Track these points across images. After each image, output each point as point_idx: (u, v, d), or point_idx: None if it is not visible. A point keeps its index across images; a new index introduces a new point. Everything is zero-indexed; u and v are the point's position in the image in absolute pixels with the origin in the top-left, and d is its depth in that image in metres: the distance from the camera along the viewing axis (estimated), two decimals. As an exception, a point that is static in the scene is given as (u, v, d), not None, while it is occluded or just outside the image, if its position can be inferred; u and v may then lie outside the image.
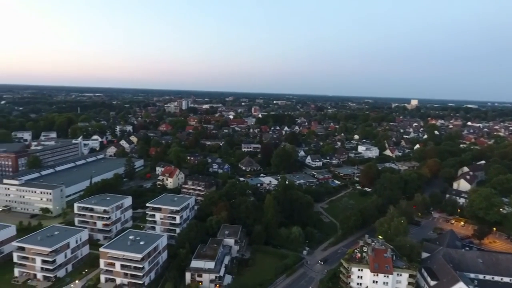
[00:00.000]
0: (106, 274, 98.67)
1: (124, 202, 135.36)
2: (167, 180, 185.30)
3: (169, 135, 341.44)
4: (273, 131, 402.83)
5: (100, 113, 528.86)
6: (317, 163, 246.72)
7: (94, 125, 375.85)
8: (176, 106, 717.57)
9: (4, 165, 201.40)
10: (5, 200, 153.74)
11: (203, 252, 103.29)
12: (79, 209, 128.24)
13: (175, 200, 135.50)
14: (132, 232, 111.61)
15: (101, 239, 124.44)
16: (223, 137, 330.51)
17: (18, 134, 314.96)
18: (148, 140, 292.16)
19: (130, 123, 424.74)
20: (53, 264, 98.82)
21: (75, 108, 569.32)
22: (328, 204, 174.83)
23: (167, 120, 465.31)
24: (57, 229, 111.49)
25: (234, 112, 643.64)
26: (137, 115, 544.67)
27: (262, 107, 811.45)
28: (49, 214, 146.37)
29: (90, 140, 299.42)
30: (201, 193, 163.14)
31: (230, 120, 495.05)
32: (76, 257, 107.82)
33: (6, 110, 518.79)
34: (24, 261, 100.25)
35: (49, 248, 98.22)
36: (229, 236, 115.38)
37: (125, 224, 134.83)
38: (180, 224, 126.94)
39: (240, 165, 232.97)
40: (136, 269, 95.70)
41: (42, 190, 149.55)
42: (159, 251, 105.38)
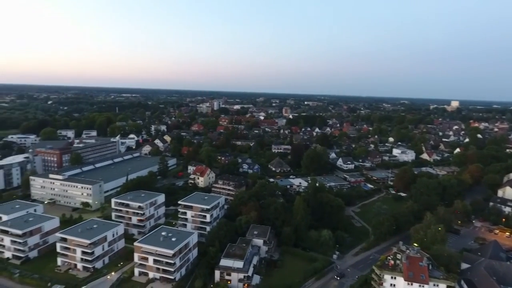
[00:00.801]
0: (140, 267, 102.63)
1: (158, 199, 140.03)
2: (198, 179, 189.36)
3: (201, 135, 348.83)
4: (303, 132, 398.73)
5: (137, 113, 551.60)
6: (349, 165, 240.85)
7: (131, 125, 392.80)
8: (208, 107, 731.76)
9: (50, 160, 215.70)
10: (50, 193, 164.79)
11: (232, 251, 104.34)
12: (116, 205, 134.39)
13: (206, 198, 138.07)
14: (164, 228, 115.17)
15: (135, 234, 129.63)
16: (253, 138, 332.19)
17: (63, 132, 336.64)
18: (181, 139, 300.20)
19: (164, 122, 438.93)
20: (92, 256, 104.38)
21: (113, 108, 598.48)
22: (360, 208, 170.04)
23: (199, 120, 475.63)
24: (95, 223, 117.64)
25: (264, 113, 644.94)
26: (171, 115, 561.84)
27: (293, 108, 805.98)
28: (89, 208, 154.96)
29: (127, 138, 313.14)
30: (231, 193, 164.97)
31: (260, 121, 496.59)
32: (113, 250, 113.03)
33: (52, 110, 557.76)
34: (66, 251, 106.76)
35: (89, 240, 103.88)
36: (258, 236, 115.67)
37: (158, 221, 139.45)
38: (210, 223, 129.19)
39: (270, 165, 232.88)
40: (168, 264, 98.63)
41: (83, 185, 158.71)
42: (190, 248, 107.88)
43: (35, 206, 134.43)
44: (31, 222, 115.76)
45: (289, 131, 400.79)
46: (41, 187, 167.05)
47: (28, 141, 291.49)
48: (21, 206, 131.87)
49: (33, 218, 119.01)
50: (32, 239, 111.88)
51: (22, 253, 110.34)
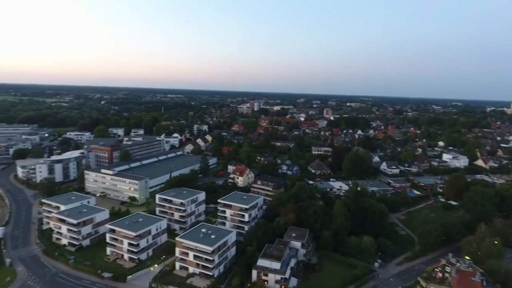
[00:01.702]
0: (181, 262, 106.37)
1: (199, 196, 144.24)
2: (237, 178, 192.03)
3: (241, 135, 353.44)
4: (345, 134, 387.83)
5: (180, 113, 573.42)
6: (393, 170, 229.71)
7: (175, 124, 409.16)
8: (248, 108, 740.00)
9: (102, 156, 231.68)
10: (102, 187, 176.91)
11: (269, 252, 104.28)
12: (160, 200, 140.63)
13: (245, 198, 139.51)
14: (204, 225, 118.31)
15: (177, 229, 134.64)
16: (293, 139, 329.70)
17: (114, 130, 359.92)
18: (222, 139, 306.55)
19: (206, 122, 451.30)
20: (137, 247, 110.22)
21: (159, 108, 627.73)
22: (405, 215, 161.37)
23: (239, 120, 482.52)
24: (141, 216, 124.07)
25: (305, 114, 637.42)
26: (212, 115, 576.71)
27: (334, 109, 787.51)
28: (135, 202, 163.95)
29: (171, 137, 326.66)
30: (269, 193, 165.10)
31: (301, 122, 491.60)
32: (156, 244, 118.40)
33: (105, 109, 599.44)
34: (114, 242, 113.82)
35: (135, 232, 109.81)
36: (296, 238, 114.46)
37: (199, 217, 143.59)
38: (248, 222, 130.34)
39: (309, 167, 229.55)
40: (207, 260, 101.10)
41: (130, 180, 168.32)
42: (228, 246, 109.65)
43: (88, 198, 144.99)
44: (84, 213, 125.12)
45: (330, 133, 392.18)
46: (93, 181, 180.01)
47: (83, 138, 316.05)
48: (77, 197, 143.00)
49: (86, 210, 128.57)
50: (85, 229, 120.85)
51: (77, 241, 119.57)
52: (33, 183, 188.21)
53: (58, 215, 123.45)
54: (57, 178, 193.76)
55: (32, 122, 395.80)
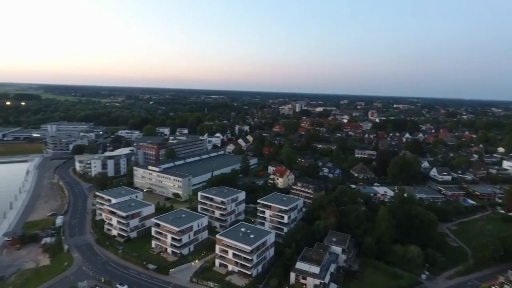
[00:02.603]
0: (220, 259, 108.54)
1: (239, 196, 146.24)
2: (277, 179, 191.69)
3: (282, 136, 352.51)
4: (391, 137, 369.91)
5: (223, 113, 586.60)
6: (444, 176, 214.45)
7: (217, 124, 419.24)
8: (290, 109, 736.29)
9: (149, 154, 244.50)
10: (148, 183, 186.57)
11: (308, 255, 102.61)
12: (202, 198, 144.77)
13: (284, 199, 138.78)
14: (244, 224, 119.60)
15: (217, 227, 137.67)
16: (335, 141, 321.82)
17: (160, 129, 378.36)
18: (263, 140, 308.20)
19: (248, 123, 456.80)
20: (180, 242, 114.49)
21: (203, 108, 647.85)
22: (457, 226, 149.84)
23: (280, 121, 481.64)
24: (184, 213, 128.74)
25: (348, 116, 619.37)
26: (254, 116, 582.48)
27: (380, 111, 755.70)
28: (179, 199, 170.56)
29: (214, 137, 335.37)
30: (309, 196, 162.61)
31: (343, 124, 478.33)
32: (197, 240, 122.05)
33: (153, 109, 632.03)
34: (159, 235, 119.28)
35: (178, 228, 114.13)
36: (336, 243, 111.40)
37: (238, 217, 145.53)
38: (287, 224, 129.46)
39: (352, 171, 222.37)
40: (246, 259, 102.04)
41: (174, 177, 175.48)
42: (267, 247, 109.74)
43: (136, 193, 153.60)
44: (133, 206, 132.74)
45: (374, 135, 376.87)
46: (141, 176, 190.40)
47: (133, 136, 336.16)
48: (126, 192, 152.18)
49: (134, 204, 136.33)
50: (133, 222, 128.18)
51: (125, 233, 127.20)
52: (89, 176, 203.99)
53: (109, 208, 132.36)
54: (109, 173, 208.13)
55: (89, 121, 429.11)
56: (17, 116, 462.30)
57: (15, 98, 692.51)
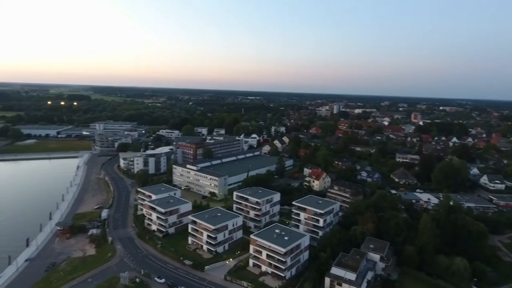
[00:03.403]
0: (254, 259, 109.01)
1: (274, 197, 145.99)
2: (313, 182, 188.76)
3: (319, 138, 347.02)
4: (436, 141, 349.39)
5: (259, 115, 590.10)
6: (497, 185, 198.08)
7: (254, 125, 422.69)
8: (327, 110, 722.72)
9: (187, 153, 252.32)
10: (186, 181, 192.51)
11: (344, 261, 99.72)
12: (237, 198, 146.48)
13: (320, 203, 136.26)
14: (278, 226, 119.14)
15: (252, 227, 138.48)
16: (375, 144, 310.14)
17: (198, 129, 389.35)
18: (299, 141, 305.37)
19: (284, 124, 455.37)
20: (215, 240, 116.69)
21: (240, 109, 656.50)
22: (510, 239, 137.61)
23: (317, 123, 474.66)
24: (219, 211, 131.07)
25: (389, 118, 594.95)
26: (290, 117, 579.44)
27: (425, 114, 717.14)
28: (215, 198, 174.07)
29: (250, 138, 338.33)
30: (346, 200, 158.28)
31: (384, 127, 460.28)
32: (232, 239, 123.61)
33: (192, 110, 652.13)
34: (195, 233, 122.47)
35: (213, 226, 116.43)
36: (374, 250, 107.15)
37: (273, 218, 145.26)
38: (323, 228, 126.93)
39: (392, 176, 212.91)
40: (280, 261, 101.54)
41: (211, 177, 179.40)
42: (301, 250, 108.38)
43: (175, 191, 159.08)
44: (171, 203, 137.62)
45: (418, 139, 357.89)
46: (180, 175, 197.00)
47: (173, 136, 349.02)
48: (165, 189, 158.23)
49: (173, 200, 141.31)
50: (171, 218, 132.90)
51: (164, 228, 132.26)
52: (132, 173, 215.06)
53: (149, 203, 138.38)
54: (150, 170, 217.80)
55: (133, 120, 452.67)
56: (69, 115, 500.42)
57: (68, 99, 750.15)
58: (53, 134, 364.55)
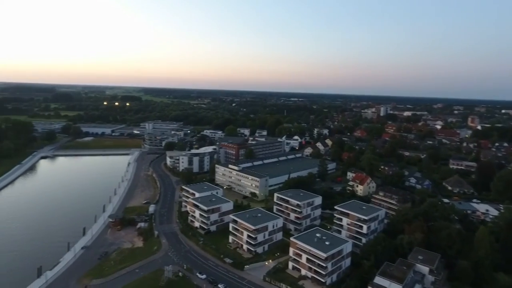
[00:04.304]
0: (294, 262, 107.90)
1: (315, 200, 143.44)
2: (357, 186, 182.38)
3: (363, 142, 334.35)
4: (497, 148, 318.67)
5: (302, 116, 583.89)
6: None
7: (296, 127, 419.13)
8: (373, 112, 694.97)
9: (230, 153, 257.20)
10: (228, 181, 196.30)
11: (389, 271, 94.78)
12: (278, 199, 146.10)
13: (364, 208, 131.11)
14: (319, 230, 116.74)
15: (292, 230, 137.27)
16: (425, 149, 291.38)
17: (241, 130, 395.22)
18: (342, 144, 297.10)
19: (327, 126, 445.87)
20: (255, 241, 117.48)
21: (282, 111, 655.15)
22: None
23: (362, 126, 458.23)
24: (260, 212, 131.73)
25: (442, 121, 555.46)
26: (333, 120, 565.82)
27: (483, 117, 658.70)
28: (256, 198, 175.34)
29: (292, 139, 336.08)
30: (392, 207, 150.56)
31: (436, 130, 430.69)
32: (271, 240, 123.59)
33: (234, 111, 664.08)
34: (236, 232, 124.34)
35: (253, 226, 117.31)
36: (423, 262, 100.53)
37: (314, 221, 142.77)
38: (366, 235, 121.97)
39: (445, 183, 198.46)
40: (320, 266, 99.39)
41: (252, 177, 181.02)
42: (343, 256, 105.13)
43: (217, 189, 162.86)
44: (213, 202, 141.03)
45: (475, 145, 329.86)
46: (222, 174, 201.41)
47: (216, 136, 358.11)
48: (208, 187, 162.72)
49: (215, 199, 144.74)
50: (213, 216, 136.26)
51: (206, 226, 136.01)
52: (177, 171, 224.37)
53: (193, 201, 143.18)
54: (194, 169, 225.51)
55: (179, 120, 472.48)
56: (122, 114, 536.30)
57: (121, 100, 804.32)
58: (108, 133, 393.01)
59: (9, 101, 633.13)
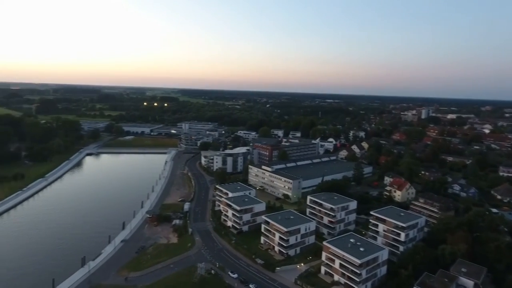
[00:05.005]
0: (326, 267, 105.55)
1: (350, 204, 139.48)
2: (395, 192, 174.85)
3: (402, 145, 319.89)
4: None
5: (337, 118, 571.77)
6: None
7: (331, 129, 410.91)
8: (414, 115, 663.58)
9: (263, 154, 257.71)
10: (261, 181, 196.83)
11: (429, 282, 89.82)
12: (311, 202, 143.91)
13: (402, 215, 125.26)
14: (353, 235, 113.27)
15: (325, 234, 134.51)
16: (471, 154, 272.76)
17: (275, 131, 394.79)
18: (379, 147, 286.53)
19: (363, 129, 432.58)
20: (287, 243, 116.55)
21: (317, 112, 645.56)
22: None
23: (402, 129, 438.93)
24: (292, 214, 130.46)
25: (491, 125, 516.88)
26: (370, 122, 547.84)
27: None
28: (288, 200, 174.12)
29: (326, 141, 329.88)
30: (433, 215, 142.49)
31: (484, 135, 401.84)
32: (304, 243, 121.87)
33: (268, 112, 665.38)
34: (268, 233, 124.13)
35: (286, 228, 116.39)
36: (467, 275, 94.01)
37: (348, 226, 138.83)
38: (404, 243, 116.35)
39: (493, 192, 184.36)
40: (354, 273, 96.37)
41: (285, 179, 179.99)
42: (378, 264, 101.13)
43: (250, 190, 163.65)
44: (246, 202, 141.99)
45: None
46: (255, 175, 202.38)
47: (250, 137, 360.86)
48: (241, 188, 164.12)
49: (247, 199, 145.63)
50: (245, 216, 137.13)
51: (238, 225, 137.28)
52: (211, 170, 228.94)
53: (226, 200, 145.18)
54: (228, 169, 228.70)
55: (214, 121, 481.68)
56: (161, 115, 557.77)
57: (160, 100, 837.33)
58: (147, 132, 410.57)
59: (60, 101, 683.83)
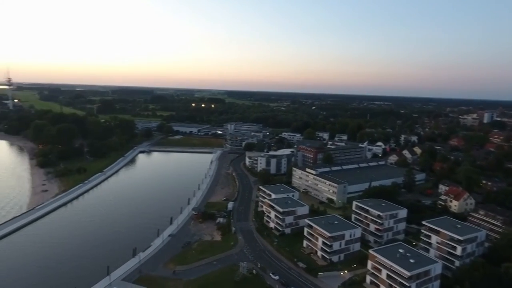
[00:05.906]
0: (372, 277, 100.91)
1: (399, 213, 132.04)
2: (451, 202, 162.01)
3: (461, 151, 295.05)
4: None
5: (387, 121, 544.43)
6: None
7: (380, 132, 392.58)
8: (474, 119, 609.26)
9: (307, 156, 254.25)
10: (305, 184, 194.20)
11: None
12: (357, 208, 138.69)
13: (459, 227, 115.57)
14: (402, 245, 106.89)
15: (371, 242, 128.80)
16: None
17: (320, 133, 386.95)
18: (434, 153, 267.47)
19: (416, 133, 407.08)
20: (330, 248, 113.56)
21: (365, 115, 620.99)
22: None
23: (460, 133, 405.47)
24: (336, 219, 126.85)
25: None
26: (424, 126, 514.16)
27: None
28: (332, 205, 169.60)
29: (374, 145, 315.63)
30: (496, 229, 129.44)
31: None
32: (348, 250, 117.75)
33: (314, 114, 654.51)
34: (310, 237, 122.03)
35: (329, 233, 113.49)
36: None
37: (397, 235, 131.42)
38: (461, 257, 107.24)
39: None
40: (402, 285, 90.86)
41: (330, 183, 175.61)
42: (431, 278, 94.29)
43: (293, 192, 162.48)
44: (289, 204, 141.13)
45: None
46: (299, 177, 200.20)
47: (294, 138, 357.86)
48: (284, 190, 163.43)
49: (291, 202, 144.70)
50: (288, 218, 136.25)
51: (280, 227, 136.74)
52: (255, 171, 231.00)
53: (269, 202, 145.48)
54: (271, 170, 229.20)
55: (259, 122, 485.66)
56: (208, 115, 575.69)
57: (207, 102, 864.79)
58: (195, 132, 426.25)
59: (117, 102, 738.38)
